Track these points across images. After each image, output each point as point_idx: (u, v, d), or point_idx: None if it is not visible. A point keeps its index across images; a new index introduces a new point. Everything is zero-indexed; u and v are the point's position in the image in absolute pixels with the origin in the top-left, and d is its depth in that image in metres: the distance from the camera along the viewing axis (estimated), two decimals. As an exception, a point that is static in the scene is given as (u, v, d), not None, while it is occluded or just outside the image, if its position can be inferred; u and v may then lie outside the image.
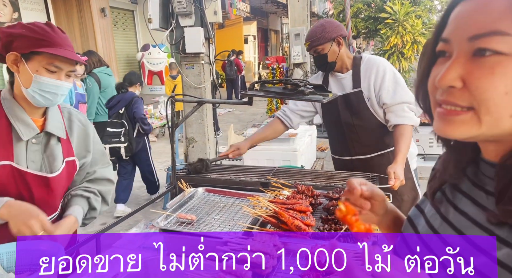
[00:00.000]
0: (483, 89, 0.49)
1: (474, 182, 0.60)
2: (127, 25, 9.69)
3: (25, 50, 1.21)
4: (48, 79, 1.23)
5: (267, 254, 1.18)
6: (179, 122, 2.02)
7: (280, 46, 21.09)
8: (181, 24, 3.15)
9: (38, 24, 1.24)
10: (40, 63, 1.22)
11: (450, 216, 0.62)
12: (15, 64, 1.23)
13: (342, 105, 2.09)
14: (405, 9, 8.89)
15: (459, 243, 0.57)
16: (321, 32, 1.99)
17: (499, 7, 0.48)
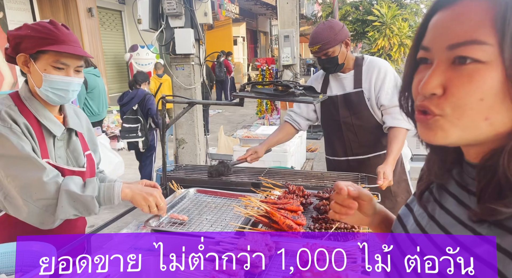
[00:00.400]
0: (460, 96, 0.51)
1: (459, 182, 0.62)
2: (115, 26, 9.60)
3: (32, 51, 1.23)
4: (57, 76, 1.25)
5: (259, 253, 1.19)
6: (169, 123, 2.02)
7: (270, 48, 21.16)
8: (171, 25, 3.14)
9: (42, 23, 1.25)
10: (47, 62, 1.24)
11: (436, 214, 0.64)
12: (25, 65, 1.26)
13: (342, 104, 2.10)
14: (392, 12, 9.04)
15: (445, 241, 0.59)
16: (332, 35, 1.97)
17: (476, 17, 0.50)
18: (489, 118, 0.51)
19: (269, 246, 1.24)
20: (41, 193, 1.19)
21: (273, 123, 7.42)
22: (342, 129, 2.14)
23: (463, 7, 0.52)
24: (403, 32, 8.94)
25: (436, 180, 0.68)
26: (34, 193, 1.18)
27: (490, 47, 0.49)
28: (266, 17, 20.26)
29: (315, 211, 1.57)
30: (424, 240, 0.63)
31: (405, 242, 0.68)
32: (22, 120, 1.24)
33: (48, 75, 1.24)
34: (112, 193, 1.28)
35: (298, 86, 1.82)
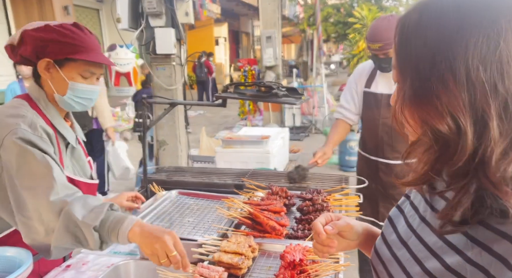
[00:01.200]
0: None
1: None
2: (92, 24, 9.37)
3: (60, 57, 1.15)
4: (84, 85, 1.20)
5: (242, 255, 1.18)
6: (150, 124, 1.98)
7: (252, 49, 21.18)
8: (152, 24, 3.09)
9: (67, 26, 1.17)
10: (76, 70, 1.18)
11: (428, 216, 0.65)
12: (47, 71, 1.18)
13: (385, 104, 2.03)
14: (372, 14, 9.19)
15: (436, 243, 0.59)
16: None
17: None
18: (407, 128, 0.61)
19: (253, 247, 1.24)
20: (46, 214, 1.03)
21: (255, 124, 7.42)
22: (379, 129, 2.08)
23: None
24: (382, 34, 9.09)
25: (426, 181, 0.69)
26: (42, 214, 1.04)
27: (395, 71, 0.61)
28: (248, 18, 20.26)
29: (298, 212, 1.57)
30: (415, 241, 0.64)
31: (396, 243, 0.69)
32: (50, 130, 1.17)
33: (75, 83, 1.19)
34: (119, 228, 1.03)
35: (280, 87, 1.82)
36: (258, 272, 1.20)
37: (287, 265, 1.12)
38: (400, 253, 0.67)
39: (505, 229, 0.50)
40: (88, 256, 1.43)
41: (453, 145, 0.51)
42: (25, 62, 1.20)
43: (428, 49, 0.53)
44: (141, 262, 1.33)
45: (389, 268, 0.68)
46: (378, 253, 0.74)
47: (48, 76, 1.19)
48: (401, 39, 0.58)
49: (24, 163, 1.06)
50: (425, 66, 0.53)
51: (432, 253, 0.59)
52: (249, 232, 1.36)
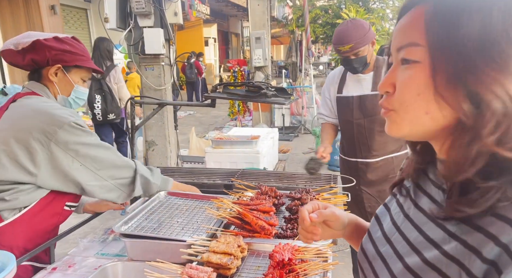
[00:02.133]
0: (402, 93, 0.58)
1: (433, 181, 0.65)
2: (80, 24, 9.26)
3: (70, 64, 1.41)
4: (83, 88, 1.48)
5: (231, 255, 1.18)
6: (139, 125, 1.96)
7: (241, 49, 21.17)
8: (140, 24, 3.06)
9: (74, 40, 1.44)
10: (80, 75, 1.46)
11: (411, 213, 0.66)
12: (55, 75, 1.41)
13: (356, 106, 2.09)
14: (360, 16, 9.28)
15: (417, 239, 0.60)
16: (363, 34, 1.93)
17: (413, 22, 0.57)
18: (429, 112, 0.56)
19: (242, 247, 1.24)
20: (120, 174, 1.43)
21: (245, 124, 7.42)
22: (354, 131, 2.14)
23: (409, 15, 0.59)
24: (370, 36, 9.20)
25: (407, 178, 0.71)
26: (115, 174, 1.41)
27: (422, 48, 0.55)
28: (237, 19, 20.26)
29: (287, 211, 1.58)
30: (398, 238, 0.65)
31: (380, 240, 0.70)
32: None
33: (79, 86, 1.46)
34: (166, 186, 1.64)
35: (270, 88, 1.83)
36: (247, 272, 1.20)
37: (276, 265, 1.12)
38: (383, 250, 0.68)
39: (480, 222, 0.51)
40: (74, 258, 1.41)
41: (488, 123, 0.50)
42: (31, 66, 1.40)
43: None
44: (128, 264, 1.31)
45: (373, 265, 0.69)
46: (364, 251, 0.75)
47: (55, 79, 1.42)
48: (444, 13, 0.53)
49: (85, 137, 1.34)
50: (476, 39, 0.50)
51: (413, 248, 0.60)
52: (238, 232, 1.36)
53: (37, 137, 1.26)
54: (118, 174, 1.41)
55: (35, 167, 1.27)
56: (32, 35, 1.36)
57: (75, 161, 1.32)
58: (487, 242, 0.48)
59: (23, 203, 1.30)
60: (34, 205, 1.32)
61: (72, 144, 1.30)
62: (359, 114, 2.10)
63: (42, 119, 1.28)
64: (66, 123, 1.29)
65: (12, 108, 1.34)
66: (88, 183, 1.35)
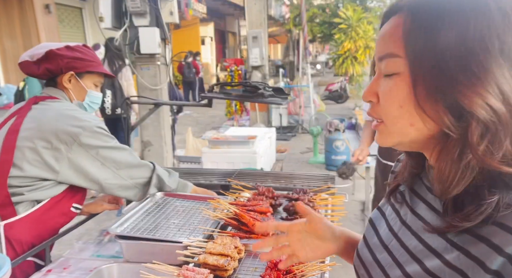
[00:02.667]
0: (385, 104, 0.57)
1: (427, 186, 0.64)
2: (75, 23, 9.20)
3: (82, 70, 1.48)
4: (96, 92, 1.55)
5: (228, 256, 1.17)
6: (134, 125, 1.95)
7: (238, 48, 21.15)
8: (135, 23, 3.04)
9: (84, 47, 1.52)
10: (92, 81, 1.53)
11: (408, 219, 0.65)
12: (69, 81, 1.48)
13: None
14: (357, 15, 9.30)
15: (417, 246, 0.59)
16: None
17: (392, 31, 0.55)
18: (413, 124, 0.55)
19: (239, 248, 1.23)
20: (138, 174, 1.51)
21: (242, 124, 7.41)
22: None
23: (389, 24, 0.57)
24: (368, 34, 9.23)
25: (404, 183, 0.70)
26: (133, 174, 1.49)
27: (401, 59, 0.54)
28: (234, 18, 20.22)
29: (284, 212, 1.57)
30: (396, 245, 0.64)
31: (377, 246, 0.69)
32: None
33: (92, 91, 1.54)
34: (184, 190, 1.67)
35: (267, 88, 1.82)
36: (244, 273, 1.19)
37: (273, 266, 1.11)
38: (381, 257, 0.66)
39: (483, 232, 0.50)
40: (69, 260, 1.40)
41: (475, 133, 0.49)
42: (46, 75, 1.47)
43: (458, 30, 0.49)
44: (124, 266, 1.30)
45: (370, 272, 0.68)
46: (360, 256, 0.73)
47: (70, 86, 1.50)
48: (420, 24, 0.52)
49: (107, 140, 1.42)
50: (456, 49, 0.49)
51: (413, 257, 0.59)
52: (235, 233, 1.35)
53: (62, 138, 1.35)
54: (136, 174, 1.50)
55: (58, 165, 1.36)
56: (45, 45, 1.46)
57: (96, 161, 1.41)
58: (491, 252, 0.48)
59: (37, 197, 1.37)
60: (46, 202, 1.39)
61: (94, 146, 1.39)
62: None
63: (68, 123, 1.37)
64: (90, 127, 1.39)
65: (37, 110, 1.42)
66: (107, 181, 1.44)
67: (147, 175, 1.53)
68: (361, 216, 3.77)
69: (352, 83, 11.00)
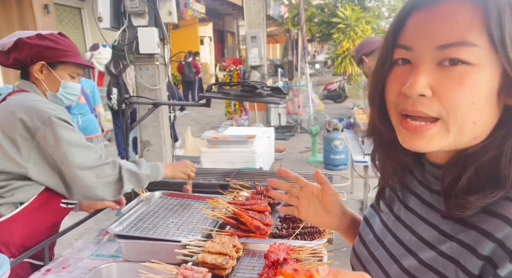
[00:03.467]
0: (453, 99, 0.49)
1: (421, 181, 0.63)
2: (74, 23, 9.19)
3: (54, 60, 1.40)
4: (72, 83, 1.46)
5: (227, 255, 1.18)
6: (133, 125, 1.95)
7: (237, 48, 21.14)
8: (134, 24, 3.04)
9: (59, 35, 1.42)
10: (66, 71, 1.44)
11: (401, 214, 0.65)
12: (40, 72, 1.40)
13: None
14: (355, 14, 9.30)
15: (410, 239, 0.60)
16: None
17: (465, 18, 0.49)
18: (476, 122, 0.50)
19: (237, 247, 1.23)
20: (104, 172, 1.38)
21: (241, 124, 7.41)
22: None
23: (449, 8, 0.50)
24: (366, 34, 9.23)
25: (392, 185, 0.68)
26: (98, 173, 1.37)
27: (480, 49, 0.48)
28: (233, 17, 20.21)
29: (282, 211, 1.58)
30: (391, 240, 0.64)
31: (373, 242, 0.69)
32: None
33: (66, 82, 1.44)
34: (158, 172, 1.54)
35: (265, 87, 1.82)
36: (242, 272, 1.20)
37: (271, 264, 1.12)
38: (377, 252, 0.66)
39: (474, 220, 0.51)
40: (69, 259, 1.40)
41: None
42: (16, 65, 1.41)
43: None
44: (123, 265, 1.31)
45: (368, 268, 0.67)
46: (356, 253, 0.73)
47: (42, 77, 1.41)
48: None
49: (67, 133, 1.31)
50: None
51: (408, 250, 0.59)
52: (233, 232, 1.36)
53: (22, 133, 1.29)
54: (101, 173, 1.38)
55: (23, 160, 1.30)
56: (17, 34, 1.37)
57: (57, 159, 1.31)
58: (482, 239, 0.48)
59: (19, 199, 1.33)
60: (31, 202, 1.35)
61: (52, 140, 1.29)
62: None
63: (26, 114, 1.29)
64: (48, 117, 1.30)
65: (1, 107, 1.37)
66: (72, 182, 1.34)
67: (114, 172, 1.41)
68: (360, 214, 3.78)
69: (350, 82, 11.01)
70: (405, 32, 0.54)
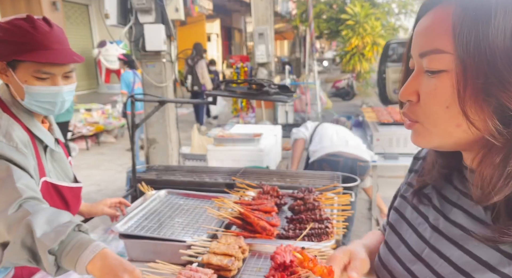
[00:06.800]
0: (429, 104, 0.53)
1: (462, 191, 0.60)
2: (82, 20, 9.25)
3: (8, 58, 1.03)
4: (41, 87, 1.06)
5: (232, 256, 1.16)
6: (139, 123, 1.94)
7: (244, 45, 21.09)
8: (141, 20, 3.03)
9: (16, 22, 1.03)
10: (27, 72, 1.04)
11: (441, 225, 0.60)
12: (4, 74, 1.06)
13: None
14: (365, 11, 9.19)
15: (461, 258, 0.55)
16: None
17: (438, 25, 0.51)
18: (460, 125, 0.51)
19: (243, 248, 1.21)
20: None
21: (248, 122, 7.39)
22: None
23: (430, 16, 0.53)
24: (375, 31, 9.12)
25: (431, 183, 0.65)
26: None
27: (449, 56, 0.50)
28: (240, 14, 20.15)
29: (289, 211, 1.55)
30: (432, 255, 0.59)
31: (407, 255, 0.64)
32: (25, 136, 1.07)
33: (30, 87, 1.05)
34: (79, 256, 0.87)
35: (272, 85, 1.79)
36: (248, 273, 1.18)
37: (278, 266, 1.10)
38: (415, 268, 0.62)
39: None
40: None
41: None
42: None
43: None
44: (128, 265, 1.29)
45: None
46: (385, 265, 0.68)
47: (6, 80, 1.08)
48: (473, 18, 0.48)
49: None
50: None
51: (459, 270, 0.54)
52: (239, 233, 1.34)
53: None
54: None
55: None
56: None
57: None
58: None
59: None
60: None
61: None
62: None
63: None
64: None
65: None
66: None
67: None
68: (367, 214, 3.74)
69: (359, 80, 10.91)
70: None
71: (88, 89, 10.62)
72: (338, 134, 3.05)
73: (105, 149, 6.60)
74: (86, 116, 6.80)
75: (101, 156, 6.15)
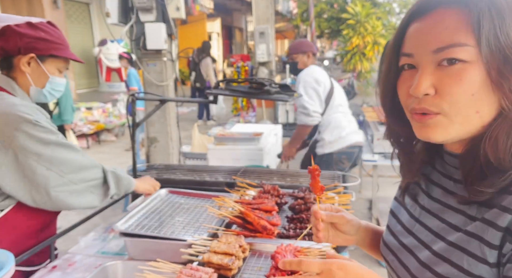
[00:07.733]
0: (454, 94, 0.57)
1: (442, 172, 0.70)
2: (82, 19, 9.24)
3: (45, 53, 1.26)
4: (60, 79, 1.34)
5: (233, 255, 1.16)
6: (140, 121, 1.94)
7: (245, 44, 21.07)
8: (142, 19, 3.03)
9: (47, 24, 1.28)
10: (56, 65, 1.31)
11: (426, 204, 0.71)
12: (28, 65, 1.27)
13: None
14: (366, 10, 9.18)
15: (438, 225, 0.65)
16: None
17: (453, 23, 0.57)
18: (479, 111, 0.57)
19: (243, 247, 1.21)
20: (90, 175, 1.31)
21: (248, 121, 7.38)
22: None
23: (438, 16, 0.58)
24: (376, 30, 9.11)
25: (410, 180, 0.75)
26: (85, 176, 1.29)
27: (471, 48, 0.56)
28: (241, 13, 20.12)
29: (290, 210, 1.55)
30: (420, 228, 0.69)
31: (402, 233, 0.74)
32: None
33: (54, 77, 1.31)
34: (130, 181, 1.47)
35: (273, 84, 1.79)
36: (248, 273, 1.18)
37: (278, 266, 1.10)
38: (407, 241, 0.71)
39: (495, 200, 0.56)
40: (75, 256, 1.40)
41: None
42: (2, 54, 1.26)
43: None
44: (129, 263, 1.30)
45: (399, 256, 0.72)
46: (386, 244, 0.78)
47: (28, 70, 1.27)
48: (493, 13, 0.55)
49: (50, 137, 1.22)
50: None
51: (437, 235, 0.64)
52: (240, 232, 1.34)
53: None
54: (88, 176, 1.29)
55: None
56: (4, 18, 1.22)
57: (39, 166, 1.20)
58: (501, 213, 0.54)
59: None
60: (10, 209, 1.25)
61: (32, 146, 1.18)
62: None
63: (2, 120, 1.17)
64: (23, 123, 1.17)
65: None
66: (55, 188, 1.22)
67: (100, 175, 1.34)
68: (368, 214, 3.74)
69: (360, 79, 10.89)
70: (406, 41, 0.63)
71: (89, 87, 10.63)
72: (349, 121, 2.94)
73: (105, 148, 6.61)
74: (87, 114, 6.80)
75: (102, 154, 6.16)
